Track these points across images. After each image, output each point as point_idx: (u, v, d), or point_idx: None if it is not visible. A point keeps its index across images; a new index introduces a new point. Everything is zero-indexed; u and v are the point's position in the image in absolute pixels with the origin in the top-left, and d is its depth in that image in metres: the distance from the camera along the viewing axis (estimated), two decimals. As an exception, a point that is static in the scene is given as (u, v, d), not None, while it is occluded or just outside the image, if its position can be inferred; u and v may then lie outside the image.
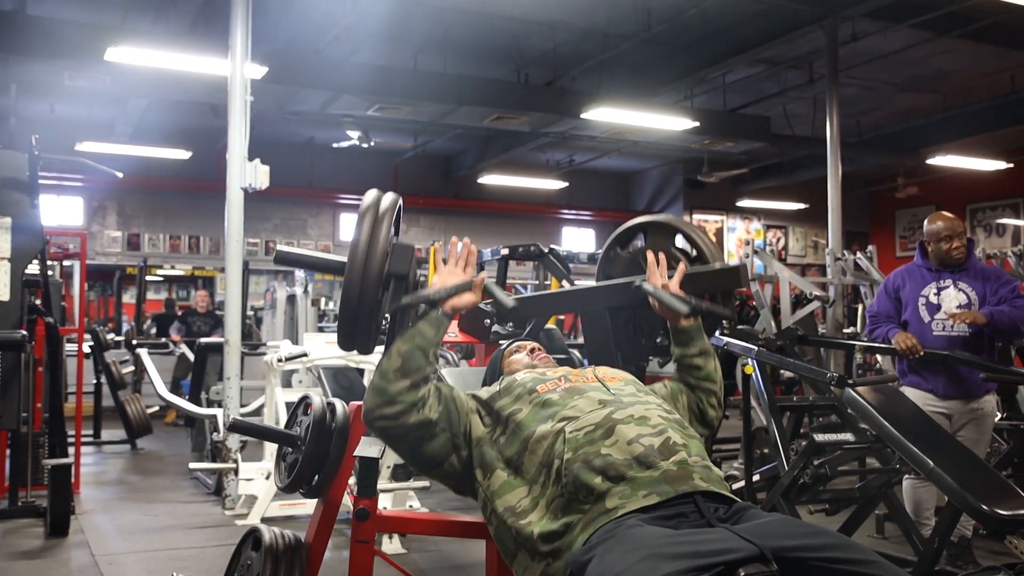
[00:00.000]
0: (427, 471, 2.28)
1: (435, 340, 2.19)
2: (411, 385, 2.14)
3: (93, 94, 10.57)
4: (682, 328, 2.44)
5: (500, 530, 2.08)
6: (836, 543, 1.75)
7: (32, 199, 5.32)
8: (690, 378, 2.45)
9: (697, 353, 2.45)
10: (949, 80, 11.42)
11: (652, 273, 2.46)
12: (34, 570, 4.56)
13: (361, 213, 2.22)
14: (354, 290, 2.15)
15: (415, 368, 2.15)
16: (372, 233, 2.17)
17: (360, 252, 2.15)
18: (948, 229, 4.49)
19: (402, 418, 2.14)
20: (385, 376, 2.15)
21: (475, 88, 10.50)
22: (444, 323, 2.22)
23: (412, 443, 2.18)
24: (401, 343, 2.17)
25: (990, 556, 4.54)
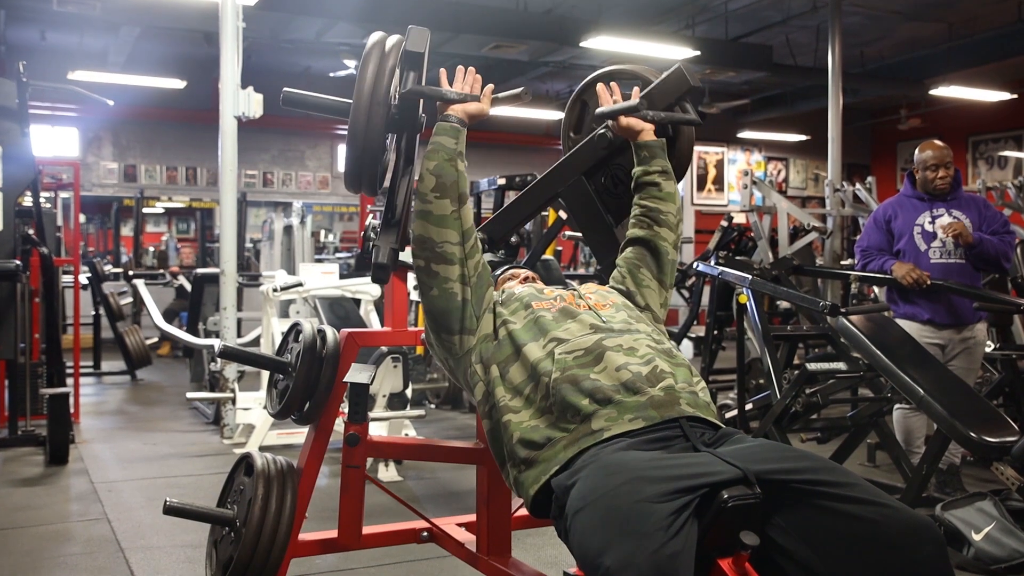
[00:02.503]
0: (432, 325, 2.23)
1: (457, 149, 2.19)
2: (452, 202, 2.14)
3: (84, 21, 10.40)
4: (644, 143, 2.44)
5: (496, 426, 2.07)
6: (819, 466, 1.76)
7: (22, 127, 5.27)
8: (648, 200, 2.42)
9: (659, 170, 2.43)
10: (955, 8, 11.23)
11: (604, 101, 2.47)
12: (34, 497, 4.62)
13: (365, 55, 2.22)
14: (359, 130, 2.15)
15: (450, 180, 2.15)
16: (376, 73, 2.16)
17: (365, 93, 2.14)
18: (935, 158, 4.46)
19: (445, 236, 2.13)
20: (425, 199, 2.15)
21: (473, 15, 10.33)
22: (461, 132, 2.21)
23: (441, 272, 2.15)
24: (427, 162, 2.17)
25: (977, 483, 4.60)
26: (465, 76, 2.32)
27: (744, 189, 7.80)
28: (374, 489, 2.86)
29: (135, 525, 4.13)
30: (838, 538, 1.66)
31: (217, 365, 6.06)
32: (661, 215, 2.42)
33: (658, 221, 2.41)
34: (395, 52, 2.22)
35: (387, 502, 3.08)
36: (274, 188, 14.63)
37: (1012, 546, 3.46)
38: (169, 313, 9.91)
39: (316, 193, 14.86)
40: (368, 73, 2.17)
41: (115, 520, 4.20)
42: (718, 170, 17.02)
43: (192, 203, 14.03)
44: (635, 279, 2.38)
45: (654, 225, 2.41)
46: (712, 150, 16.90)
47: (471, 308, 2.18)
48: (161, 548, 3.81)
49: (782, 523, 1.71)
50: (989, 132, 15.31)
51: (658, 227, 2.41)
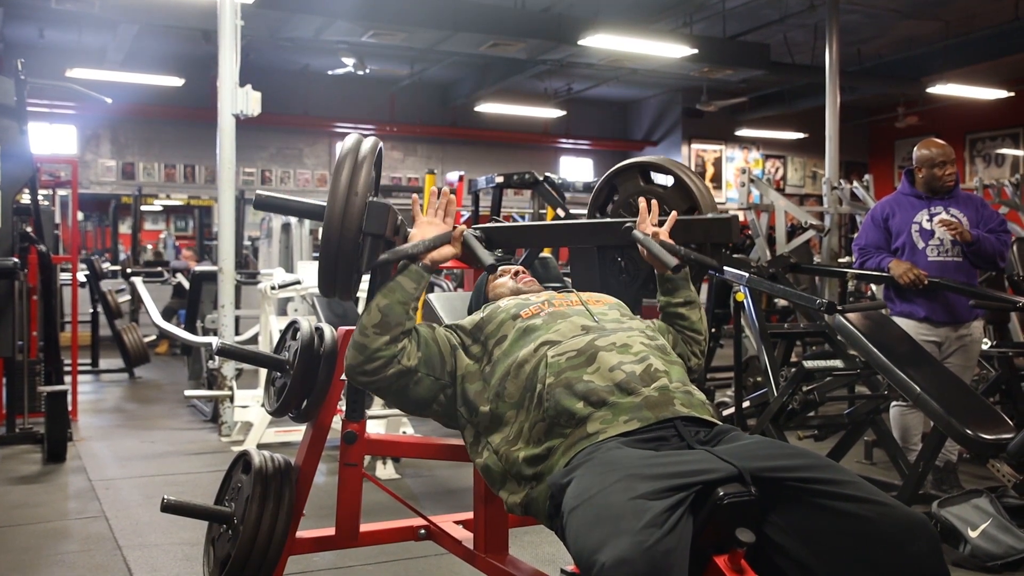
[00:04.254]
0: (417, 413, 2.28)
1: (415, 295, 2.17)
2: (390, 340, 2.12)
3: (82, 19, 10.41)
4: (669, 277, 2.41)
5: (491, 461, 2.08)
6: (814, 463, 1.77)
7: (20, 125, 5.27)
8: (674, 327, 2.43)
9: (682, 302, 2.42)
10: (953, 6, 11.24)
11: (643, 220, 2.41)
12: (32, 495, 4.62)
13: (339, 162, 2.18)
14: (332, 241, 2.12)
15: (394, 323, 2.13)
16: (350, 184, 2.13)
17: (338, 205, 2.11)
18: (942, 155, 4.47)
19: (382, 372, 2.12)
20: (364, 332, 2.13)
21: (471, 13, 10.33)
22: (424, 277, 2.19)
23: (397, 392, 2.17)
24: (380, 298, 2.15)
25: (974, 480, 4.61)
26: (439, 198, 2.30)
27: (742, 187, 7.80)
28: (372, 487, 2.86)
29: (133, 523, 4.13)
30: (833, 535, 1.67)
31: (215, 363, 6.06)
32: (692, 343, 2.44)
33: (688, 342, 2.44)
34: (370, 157, 2.19)
35: (385, 500, 3.09)
36: (272, 186, 14.64)
37: (1008, 543, 3.47)
38: (167, 311, 9.91)
39: (314, 191, 14.86)
40: (341, 183, 2.13)
41: (113, 518, 4.20)
42: (716, 168, 17.03)
43: (190, 201, 14.03)
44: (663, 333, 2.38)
45: (685, 348, 2.43)
46: (710, 148, 16.91)
47: (435, 382, 2.18)
48: (159, 546, 3.82)
49: (778, 520, 1.72)
50: (986, 130, 15.33)
51: (685, 345, 2.43)
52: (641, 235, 2.36)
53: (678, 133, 16.62)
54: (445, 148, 15.83)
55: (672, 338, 2.39)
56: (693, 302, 2.45)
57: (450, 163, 15.19)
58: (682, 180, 2.65)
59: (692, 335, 2.43)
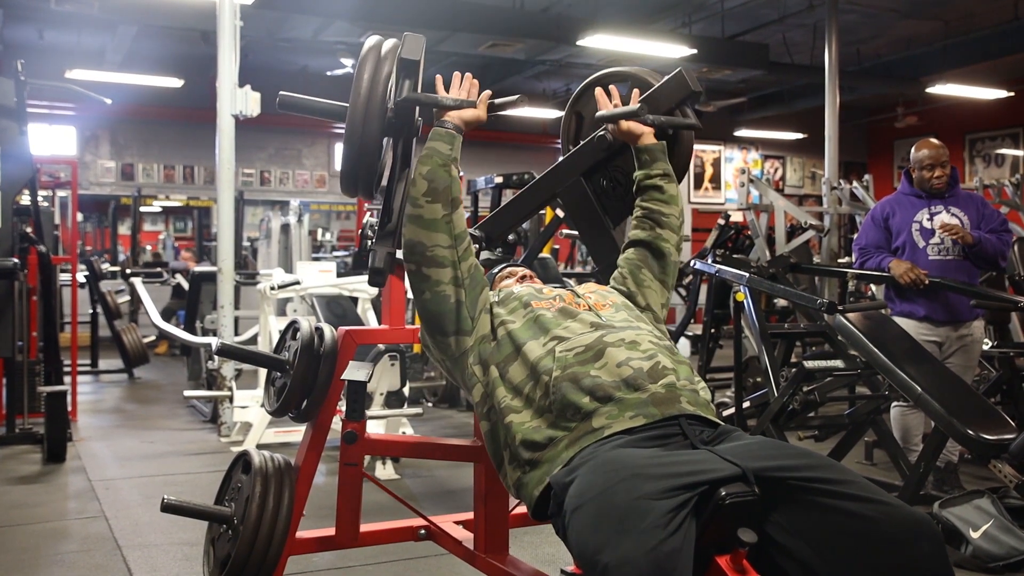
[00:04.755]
0: (427, 327, 2.23)
1: (451, 155, 2.19)
2: (443, 206, 2.14)
3: (81, 20, 10.38)
4: (645, 147, 2.43)
5: (495, 427, 2.07)
6: (817, 463, 1.76)
7: (20, 126, 5.27)
8: (650, 202, 2.42)
9: (660, 174, 2.43)
10: (952, 6, 11.23)
11: (604, 104, 2.48)
12: (32, 495, 4.61)
13: (362, 58, 2.21)
14: (356, 134, 2.14)
15: (442, 185, 2.15)
16: (373, 76, 2.16)
17: (361, 95, 2.14)
18: (931, 158, 4.46)
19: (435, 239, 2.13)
20: (416, 203, 2.14)
21: (469, 14, 10.32)
22: (456, 138, 2.21)
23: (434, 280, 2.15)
24: (421, 166, 2.16)
25: (975, 480, 4.60)
26: (462, 82, 2.32)
27: (741, 187, 7.80)
28: (371, 487, 2.86)
29: (132, 523, 4.13)
30: (836, 535, 1.66)
31: (214, 363, 6.06)
32: (663, 217, 2.43)
33: (660, 223, 2.42)
34: (391, 56, 2.22)
35: (384, 500, 3.08)
36: (271, 187, 14.62)
37: (1010, 544, 3.46)
38: (166, 311, 9.90)
39: (313, 191, 14.84)
40: (364, 77, 2.17)
41: (112, 518, 4.20)
42: (715, 168, 17.02)
43: (189, 202, 14.01)
44: (636, 280, 2.39)
45: (656, 227, 2.42)
46: (709, 148, 16.90)
47: (465, 310, 2.17)
48: (158, 546, 3.81)
49: (780, 520, 1.71)
50: (986, 130, 15.32)
51: (660, 229, 2.42)
52: (605, 112, 2.46)
53: (677, 133, 16.58)
54: (444, 148, 15.77)
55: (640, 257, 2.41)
56: (670, 175, 2.46)
57: (449, 164, 15.13)
58: (640, 79, 2.64)
59: (666, 208, 2.43)
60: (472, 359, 2.17)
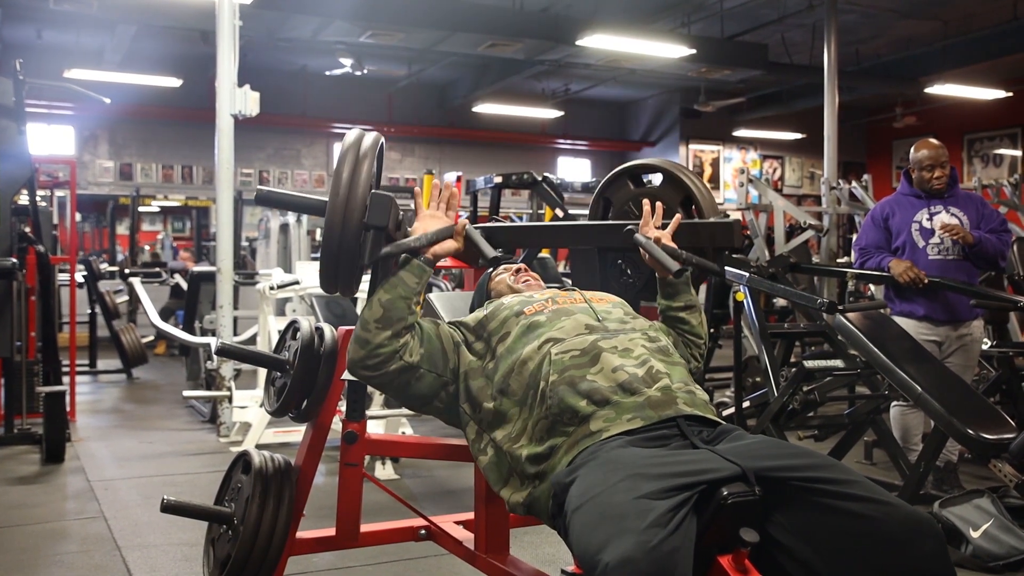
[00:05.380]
0: (419, 409, 2.28)
1: (417, 289, 2.15)
2: (392, 335, 2.11)
3: (80, 19, 10.39)
4: (670, 281, 2.38)
5: (495, 458, 2.07)
6: (818, 463, 1.76)
7: (19, 125, 5.27)
8: (674, 331, 2.41)
9: (683, 307, 2.40)
10: (951, 6, 11.24)
11: (646, 223, 2.39)
12: (30, 495, 4.60)
13: (341, 156, 2.17)
14: (334, 236, 2.11)
15: (397, 318, 2.12)
16: (352, 179, 2.13)
17: (340, 199, 2.11)
18: (931, 158, 4.46)
19: (383, 367, 2.12)
20: (366, 327, 2.12)
21: (468, 14, 10.32)
22: (426, 271, 2.17)
23: (398, 387, 2.17)
24: (383, 292, 2.13)
25: (975, 480, 4.60)
26: (440, 192, 2.30)
27: (740, 187, 7.79)
28: (371, 487, 2.85)
29: (132, 523, 4.12)
30: (838, 535, 1.66)
31: (213, 363, 6.05)
32: (692, 347, 2.42)
33: (688, 345, 2.41)
34: (371, 153, 2.19)
35: (384, 500, 3.08)
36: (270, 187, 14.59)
37: (1010, 543, 3.46)
38: (165, 312, 9.89)
39: (312, 192, 14.84)
40: (343, 177, 2.12)
41: (112, 518, 4.19)
42: (714, 168, 17.03)
43: (188, 202, 14.01)
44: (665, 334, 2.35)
45: (685, 352, 2.40)
46: (708, 148, 16.91)
47: (435, 376, 2.18)
48: (158, 546, 3.81)
49: (782, 520, 1.71)
50: (984, 130, 15.33)
51: (685, 348, 2.40)
52: (643, 239, 2.33)
53: (676, 133, 16.61)
54: (443, 149, 15.82)
55: (672, 339, 2.37)
56: (694, 306, 2.43)
57: (448, 163, 15.19)
58: (671, 174, 2.63)
59: (692, 339, 2.42)
60: (461, 399, 2.19)
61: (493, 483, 2.10)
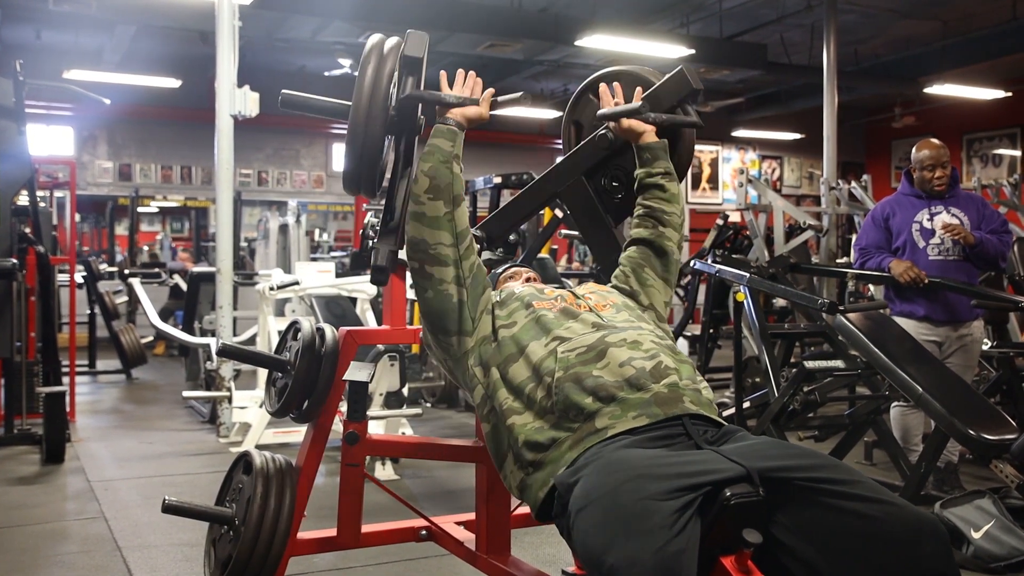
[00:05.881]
0: (429, 326, 2.24)
1: (453, 152, 2.17)
2: (445, 204, 2.14)
3: (79, 20, 10.37)
4: (646, 145, 2.43)
5: (496, 429, 2.07)
6: (822, 463, 1.76)
7: (18, 126, 5.27)
8: (652, 201, 2.42)
9: (662, 172, 2.43)
10: (950, 6, 11.24)
11: (606, 102, 2.48)
12: (31, 496, 4.60)
13: (365, 56, 2.21)
14: (359, 132, 2.14)
15: (444, 182, 2.14)
16: (375, 75, 2.16)
17: (364, 94, 2.14)
18: (932, 158, 4.46)
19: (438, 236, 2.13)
20: (419, 200, 2.14)
21: (467, 14, 10.32)
22: (459, 135, 2.20)
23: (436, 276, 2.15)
24: (423, 163, 2.16)
25: (976, 481, 4.60)
26: (465, 80, 2.32)
27: (739, 187, 7.80)
28: (372, 488, 2.85)
29: (132, 524, 4.12)
30: (841, 535, 1.66)
31: (213, 364, 6.04)
32: (665, 215, 2.42)
33: (662, 221, 2.42)
34: (393, 54, 2.21)
35: (385, 501, 3.08)
36: (269, 187, 14.61)
37: (1012, 544, 3.46)
38: (164, 312, 9.89)
39: (311, 192, 14.83)
40: (367, 75, 2.17)
41: (112, 519, 4.19)
42: (713, 168, 17.03)
43: (187, 202, 14.00)
44: (639, 278, 2.38)
45: (658, 225, 2.42)
46: (707, 148, 16.91)
47: (467, 310, 2.17)
48: (158, 547, 3.80)
49: (785, 521, 1.71)
50: (983, 130, 15.33)
51: (662, 227, 2.41)
52: (607, 109, 2.45)
53: (675, 134, 16.58)
54: (442, 149, 15.77)
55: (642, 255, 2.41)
56: (671, 173, 2.46)
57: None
58: (624, 73, 2.65)
59: (668, 207, 2.43)
60: (473, 360, 2.17)
61: (492, 455, 2.11)
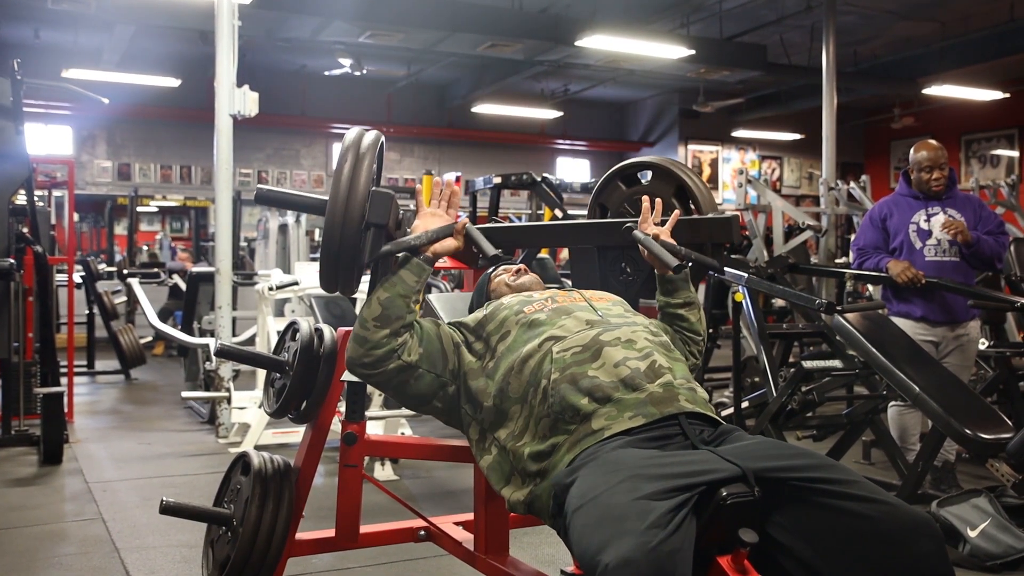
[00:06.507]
0: (417, 408, 2.28)
1: (416, 288, 2.15)
2: (391, 333, 2.11)
3: (78, 19, 10.39)
4: (669, 277, 2.39)
5: (498, 458, 2.07)
6: (818, 463, 1.76)
7: (16, 125, 5.25)
8: (673, 328, 2.41)
9: (682, 303, 2.40)
10: (949, 8, 11.26)
11: (645, 220, 2.39)
12: (28, 497, 4.60)
13: (341, 154, 2.17)
14: (335, 235, 2.11)
15: (395, 316, 2.12)
16: (352, 177, 2.13)
17: (340, 197, 2.11)
18: (930, 160, 4.46)
19: (381, 365, 2.12)
20: (364, 325, 2.12)
21: (468, 14, 10.33)
22: (426, 270, 2.17)
23: (397, 386, 2.17)
24: (381, 291, 2.14)
25: (972, 480, 4.61)
26: (442, 191, 2.30)
27: (739, 188, 7.80)
28: (370, 488, 2.85)
29: (130, 525, 4.12)
30: (837, 535, 1.67)
31: (212, 364, 6.04)
32: (689, 338, 2.42)
33: (686, 343, 2.42)
34: (371, 151, 2.19)
35: (384, 501, 3.08)
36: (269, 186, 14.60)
37: (1008, 543, 3.47)
38: (163, 312, 9.89)
39: (311, 192, 14.81)
40: (344, 173, 2.12)
41: (110, 520, 4.19)
42: (712, 169, 17.04)
43: (186, 202, 14.00)
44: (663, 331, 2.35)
45: (686, 344, 2.42)
46: (706, 149, 16.92)
47: (435, 376, 2.17)
48: (157, 548, 3.80)
49: (781, 520, 1.71)
50: (982, 131, 15.35)
51: (683, 346, 2.41)
52: (642, 235, 2.33)
53: (675, 134, 16.62)
54: (442, 149, 15.82)
55: (671, 337, 2.37)
56: (693, 303, 2.43)
57: (447, 164, 15.19)
58: (660, 167, 2.62)
59: (691, 336, 2.42)
60: (463, 399, 2.18)
61: (495, 483, 2.09)
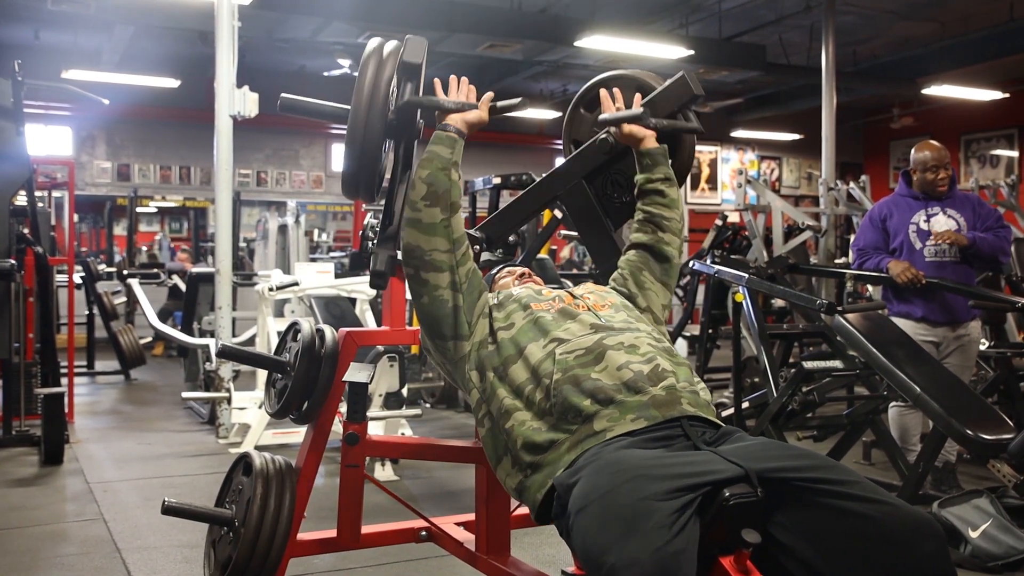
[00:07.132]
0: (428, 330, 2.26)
1: (452, 159, 2.19)
2: (442, 211, 2.15)
3: (78, 20, 10.37)
4: (647, 151, 2.42)
5: (494, 431, 2.07)
6: (820, 464, 1.77)
7: (17, 126, 5.26)
8: (652, 206, 2.42)
9: (661, 178, 2.42)
10: (948, 7, 11.25)
11: (607, 107, 2.47)
12: (29, 497, 4.60)
13: (364, 59, 2.22)
14: (358, 136, 2.14)
15: (442, 190, 2.15)
16: (377, 66, 2.16)
17: (364, 99, 2.14)
18: (935, 160, 4.47)
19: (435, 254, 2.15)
20: (415, 207, 2.16)
21: (467, 15, 10.32)
22: (458, 142, 2.21)
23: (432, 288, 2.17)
24: (420, 170, 2.17)
25: (973, 480, 4.61)
26: (459, 86, 2.33)
27: (738, 188, 7.81)
28: (371, 489, 2.85)
29: (131, 525, 4.12)
30: (839, 536, 1.67)
31: (212, 365, 6.04)
32: (665, 221, 2.43)
33: (662, 227, 2.43)
34: (392, 58, 2.22)
35: (385, 502, 3.08)
36: (268, 187, 14.61)
37: (1009, 543, 3.47)
38: (163, 313, 9.88)
39: (310, 192, 14.84)
40: (366, 79, 2.17)
41: (111, 520, 4.19)
42: (711, 169, 17.04)
43: (186, 202, 14.00)
44: (637, 282, 2.39)
45: (658, 231, 2.42)
46: (706, 149, 16.91)
47: (463, 315, 2.19)
48: (158, 548, 3.80)
49: (784, 521, 1.71)
50: (981, 131, 15.35)
51: (662, 232, 2.42)
52: (608, 115, 2.43)
53: (674, 134, 16.59)
54: (441, 149, 15.77)
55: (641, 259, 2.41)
56: (671, 179, 2.46)
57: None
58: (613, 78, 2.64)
59: (668, 212, 2.44)
60: (469, 364, 2.18)
61: (489, 457, 2.11)
